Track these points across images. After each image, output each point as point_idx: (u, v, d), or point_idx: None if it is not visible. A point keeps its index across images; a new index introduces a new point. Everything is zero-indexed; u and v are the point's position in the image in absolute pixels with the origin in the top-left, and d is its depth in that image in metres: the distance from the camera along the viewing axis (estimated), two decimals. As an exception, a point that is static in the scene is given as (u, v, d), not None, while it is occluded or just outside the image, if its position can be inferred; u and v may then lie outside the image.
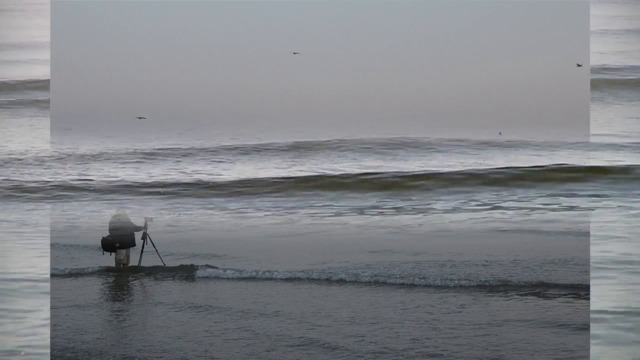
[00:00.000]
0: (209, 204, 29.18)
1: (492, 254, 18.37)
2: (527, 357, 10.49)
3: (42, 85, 27.84)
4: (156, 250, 17.83)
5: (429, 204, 27.73)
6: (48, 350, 9.90)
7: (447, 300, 14.00)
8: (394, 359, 10.54)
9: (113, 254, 17.88)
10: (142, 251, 17.95)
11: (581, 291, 14.15)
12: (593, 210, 20.65)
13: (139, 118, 51.47)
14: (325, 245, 21.39)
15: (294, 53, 55.76)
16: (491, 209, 26.05)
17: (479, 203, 27.73)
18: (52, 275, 15.84)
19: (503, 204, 26.62)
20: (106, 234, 18.02)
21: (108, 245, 17.85)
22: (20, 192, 30.57)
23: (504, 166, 36.27)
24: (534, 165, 36.02)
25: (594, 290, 10.79)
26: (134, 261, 17.95)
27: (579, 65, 32.70)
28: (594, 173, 28.35)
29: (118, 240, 17.84)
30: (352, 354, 10.73)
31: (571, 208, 25.00)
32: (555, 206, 25.91)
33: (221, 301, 14.38)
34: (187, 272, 17.17)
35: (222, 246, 21.09)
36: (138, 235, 18.12)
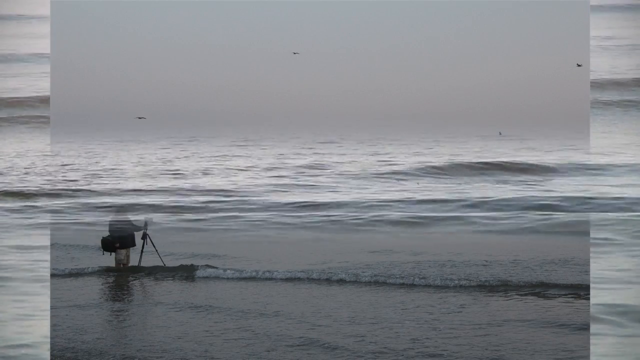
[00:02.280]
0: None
1: (492, 254, 18.38)
2: (527, 357, 10.49)
3: (42, 101, 27.46)
4: (156, 250, 17.82)
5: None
6: (48, 351, 9.90)
7: (447, 300, 14.00)
8: (394, 359, 10.54)
9: (113, 254, 17.88)
10: (142, 251, 17.94)
11: (581, 291, 14.16)
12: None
13: (139, 118, 51.47)
14: (325, 245, 21.41)
15: (294, 53, 55.81)
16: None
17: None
18: (52, 275, 15.85)
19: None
20: (106, 234, 18.02)
21: (108, 245, 17.85)
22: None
23: None
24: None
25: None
26: (134, 261, 17.94)
27: (579, 65, 32.68)
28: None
29: (118, 240, 17.83)
30: (352, 354, 10.73)
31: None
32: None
33: (221, 301, 14.37)
34: (187, 272, 17.17)
35: (222, 246, 21.11)
36: (138, 235, 18.11)
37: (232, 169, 49.91)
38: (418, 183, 34.32)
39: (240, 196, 32.95)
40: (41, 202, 29.40)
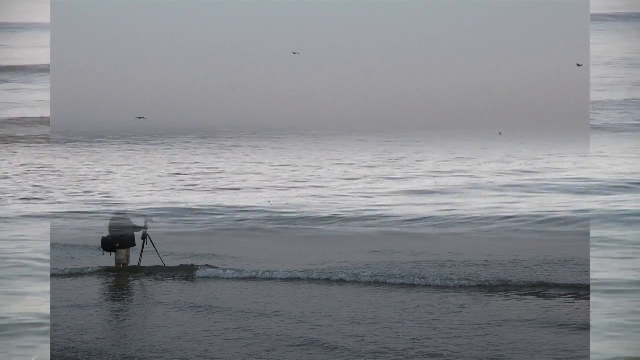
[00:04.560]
0: None
1: (492, 254, 18.38)
2: (527, 357, 10.48)
3: (41, 120, 27.15)
4: (156, 250, 17.82)
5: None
6: (48, 350, 9.90)
7: (447, 300, 14.00)
8: (394, 359, 10.53)
9: (113, 254, 17.88)
10: (142, 251, 17.94)
11: (581, 291, 14.16)
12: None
13: (139, 118, 51.48)
14: (326, 245, 21.41)
15: (294, 53, 55.89)
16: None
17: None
18: (52, 275, 15.85)
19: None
20: (106, 234, 18.02)
21: (108, 245, 17.84)
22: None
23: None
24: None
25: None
26: (134, 261, 17.94)
27: (579, 65, 32.67)
28: None
29: (118, 240, 17.83)
30: (352, 354, 10.73)
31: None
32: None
33: (221, 301, 14.37)
34: (187, 272, 17.17)
35: (222, 246, 21.12)
36: (138, 235, 18.11)
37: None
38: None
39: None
40: None
